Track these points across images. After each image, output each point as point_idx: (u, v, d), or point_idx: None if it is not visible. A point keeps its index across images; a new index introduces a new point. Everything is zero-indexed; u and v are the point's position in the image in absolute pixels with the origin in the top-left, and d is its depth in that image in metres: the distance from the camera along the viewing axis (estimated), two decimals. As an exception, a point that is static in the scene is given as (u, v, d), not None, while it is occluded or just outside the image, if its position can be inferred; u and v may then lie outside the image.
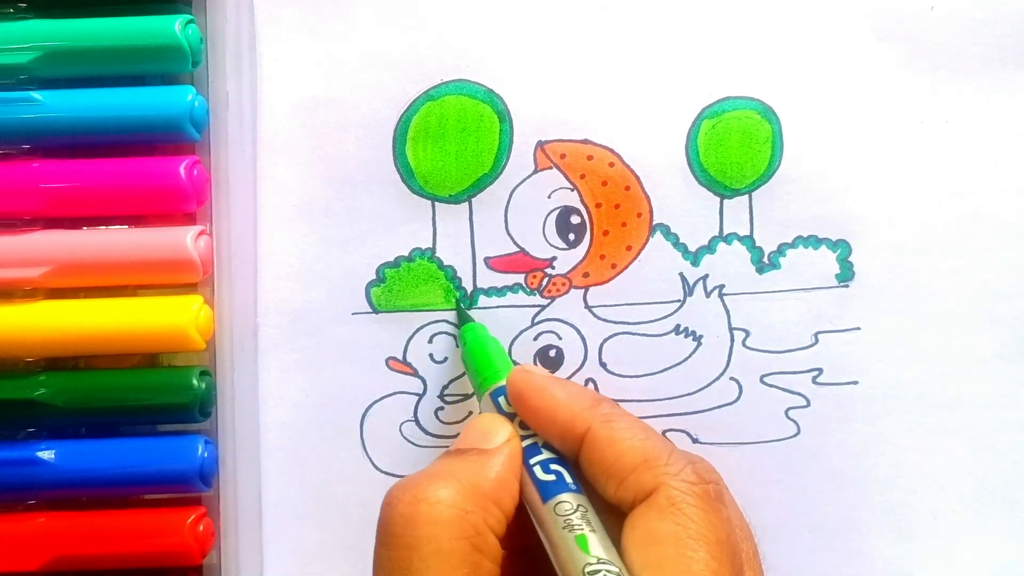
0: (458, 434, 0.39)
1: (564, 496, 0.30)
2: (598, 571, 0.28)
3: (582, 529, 0.29)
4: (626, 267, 0.39)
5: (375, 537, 0.30)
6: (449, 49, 0.39)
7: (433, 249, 0.39)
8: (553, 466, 0.32)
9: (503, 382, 0.34)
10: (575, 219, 0.39)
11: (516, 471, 0.31)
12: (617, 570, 0.28)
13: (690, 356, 0.39)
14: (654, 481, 0.30)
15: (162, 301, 0.38)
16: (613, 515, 0.31)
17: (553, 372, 0.39)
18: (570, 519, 0.30)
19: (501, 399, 0.34)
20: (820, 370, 0.39)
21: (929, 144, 0.39)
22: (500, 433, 0.32)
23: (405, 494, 0.29)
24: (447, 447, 0.39)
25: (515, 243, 0.39)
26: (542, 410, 0.32)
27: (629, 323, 0.39)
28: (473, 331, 0.38)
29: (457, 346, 0.39)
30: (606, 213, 0.39)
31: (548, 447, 0.32)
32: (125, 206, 0.38)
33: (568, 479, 0.31)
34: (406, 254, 0.39)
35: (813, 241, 0.39)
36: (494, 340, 0.38)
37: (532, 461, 0.32)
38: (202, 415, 0.38)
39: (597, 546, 0.29)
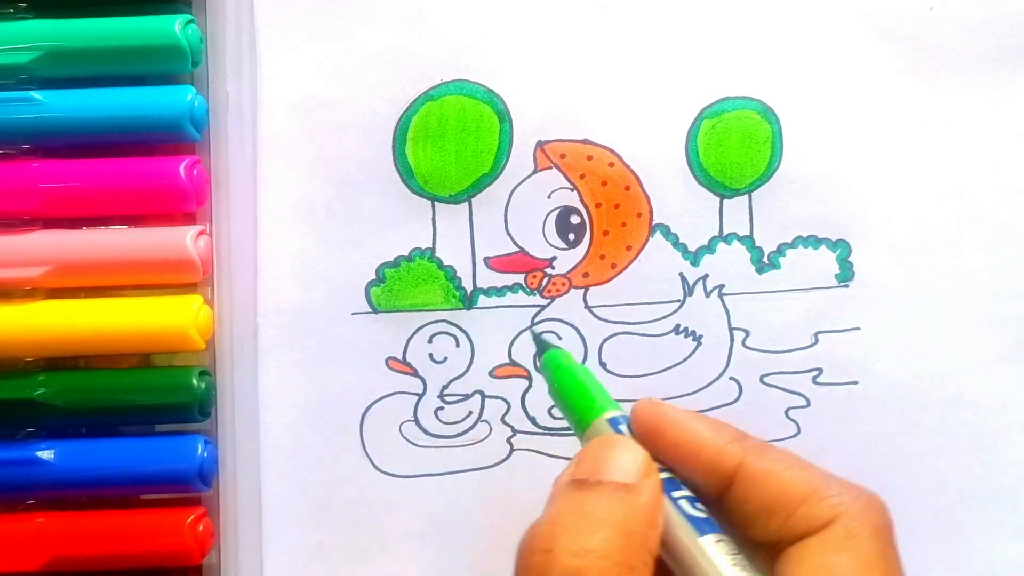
0: (458, 434, 0.39)
1: (719, 535, 0.28)
2: None
3: (749, 570, 0.27)
4: (626, 267, 0.39)
5: None
6: (449, 49, 0.39)
7: (433, 249, 0.39)
8: (698, 504, 0.29)
9: (614, 412, 0.31)
10: (575, 219, 0.39)
11: (660, 507, 0.28)
12: None
13: (690, 356, 0.39)
14: (830, 512, 0.28)
15: (162, 301, 0.38)
16: (755, 553, 0.29)
17: (553, 372, 0.39)
18: (737, 558, 0.27)
19: (623, 427, 0.31)
20: (820, 370, 0.39)
21: (929, 144, 0.39)
22: (638, 464, 0.29)
23: (564, 542, 0.27)
24: (447, 447, 0.39)
25: (515, 243, 0.39)
26: (685, 445, 0.29)
27: (629, 323, 0.39)
28: (557, 359, 0.34)
29: (458, 346, 0.39)
30: (606, 213, 0.39)
31: (685, 484, 0.29)
32: (125, 206, 0.38)
33: (714, 519, 0.29)
34: (406, 254, 0.39)
35: (813, 241, 0.39)
36: (583, 367, 0.34)
37: (675, 495, 0.29)
38: (202, 415, 0.38)
39: None
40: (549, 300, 0.39)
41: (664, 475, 0.29)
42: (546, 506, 0.29)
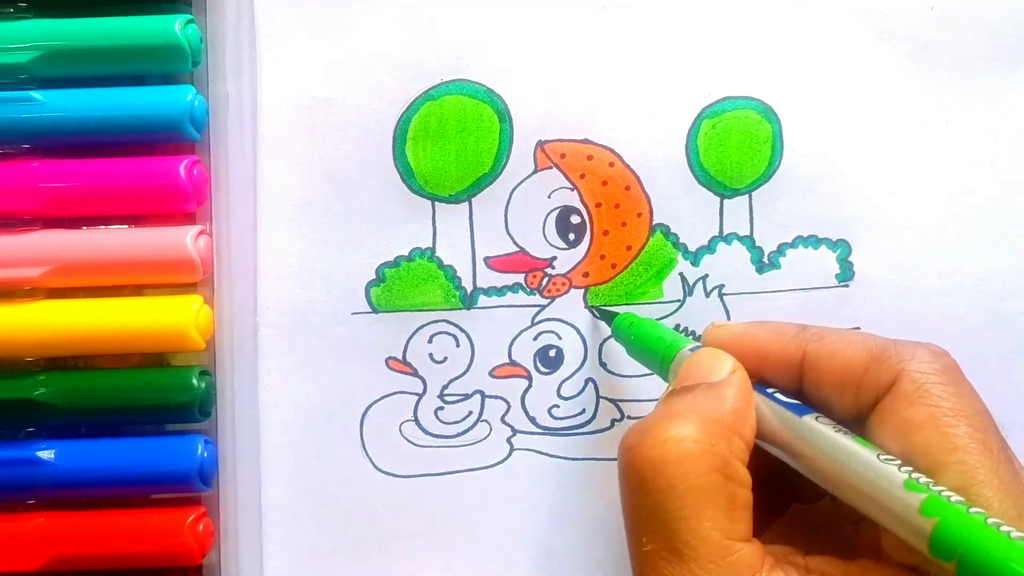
0: (458, 434, 0.39)
1: (817, 413, 0.30)
2: (891, 459, 0.27)
3: (851, 436, 0.29)
4: (626, 267, 0.39)
5: (620, 487, 0.29)
6: (449, 49, 0.39)
7: (433, 249, 0.39)
8: (789, 395, 0.31)
9: (691, 344, 0.33)
10: (575, 219, 0.39)
11: (750, 400, 0.30)
12: (900, 460, 0.27)
13: (690, 356, 0.39)
14: (891, 373, 0.29)
15: (162, 301, 0.38)
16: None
17: (553, 372, 0.39)
18: (839, 427, 0.29)
19: None
20: (820, 370, 0.39)
21: (929, 144, 0.39)
22: (724, 364, 0.31)
23: (646, 437, 0.29)
24: (447, 447, 0.39)
25: (515, 243, 0.39)
26: (752, 353, 0.32)
27: (629, 323, 0.39)
28: (627, 319, 0.37)
29: (458, 346, 0.39)
30: (606, 213, 0.39)
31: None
32: (125, 206, 0.38)
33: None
34: (406, 254, 0.39)
35: (813, 241, 0.39)
36: (650, 320, 0.38)
37: (768, 390, 0.31)
38: (202, 415, 0.38)
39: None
40: (549, 300, 0.39)
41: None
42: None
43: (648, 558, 0.28)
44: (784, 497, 0.33)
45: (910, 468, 0.27)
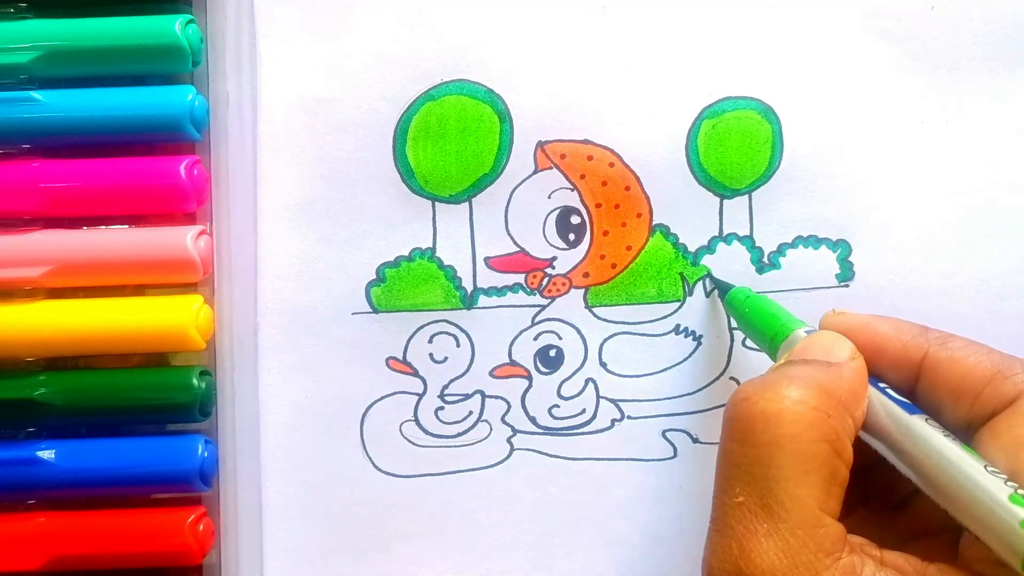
0: (458, 434, 0.39)
1: (926, 415, 0.29)
2: (998, 472, 0.27)
3: (958, 443, 0.28)
4: (626, 267, 0.39)
5: (723, 435, 0.29)
6: (449, 49, 0.39)
7: (433, 249, 0.39)
8: (901, 393, 0.31)
9: (806, 327, 0.33)
10: (575, 219, 0.39)
11: (865, 385, 0.30)
12: (1006, 475, 0.27)
13: (690, 356, 0.39)
14: (1015, 389, 0.29)
15: (162, 301, 0.38)
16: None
17: (553, 372, 0.39)
18: (948, 433, 0.29)
19: None
20: (820, 370, 0.39)
21: (929, 144, 0.39)
22: (844, 348, 0.31)
23: (765, 391, 0.29)
24: (447, 447, 0.39)
25: (515, 243, 0.39)
26: (870, 346, 0.31)
27: (629, 323, 0.39)
28: (743, 292, 0.37)
29: (458, 346, 0.39)
30: (606, 213, 0.39)
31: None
32: (125, 206, 0.38)
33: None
34: (406, 254, 0.39)
35: (813, 241, 0.39)
36: (764, 296, 0.37)
37: (881, 385, 0.31)
38: (202, 415, 0.39)
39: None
40: (549, 300, 0.39)
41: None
42: None
43: (737, 510, 0.28)
44: (853, 499, 0.32)
45: (1015, 484, 0.27)
